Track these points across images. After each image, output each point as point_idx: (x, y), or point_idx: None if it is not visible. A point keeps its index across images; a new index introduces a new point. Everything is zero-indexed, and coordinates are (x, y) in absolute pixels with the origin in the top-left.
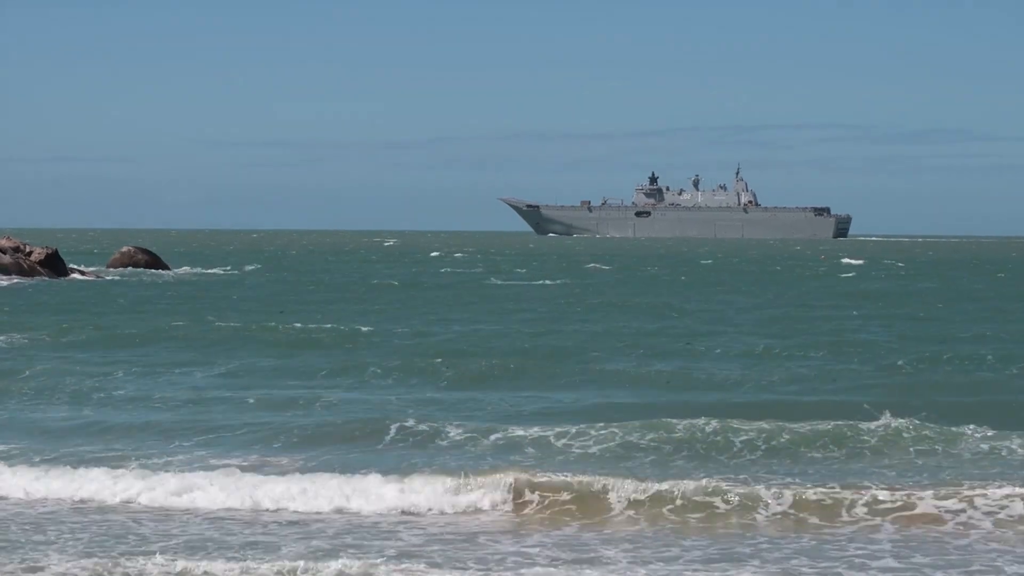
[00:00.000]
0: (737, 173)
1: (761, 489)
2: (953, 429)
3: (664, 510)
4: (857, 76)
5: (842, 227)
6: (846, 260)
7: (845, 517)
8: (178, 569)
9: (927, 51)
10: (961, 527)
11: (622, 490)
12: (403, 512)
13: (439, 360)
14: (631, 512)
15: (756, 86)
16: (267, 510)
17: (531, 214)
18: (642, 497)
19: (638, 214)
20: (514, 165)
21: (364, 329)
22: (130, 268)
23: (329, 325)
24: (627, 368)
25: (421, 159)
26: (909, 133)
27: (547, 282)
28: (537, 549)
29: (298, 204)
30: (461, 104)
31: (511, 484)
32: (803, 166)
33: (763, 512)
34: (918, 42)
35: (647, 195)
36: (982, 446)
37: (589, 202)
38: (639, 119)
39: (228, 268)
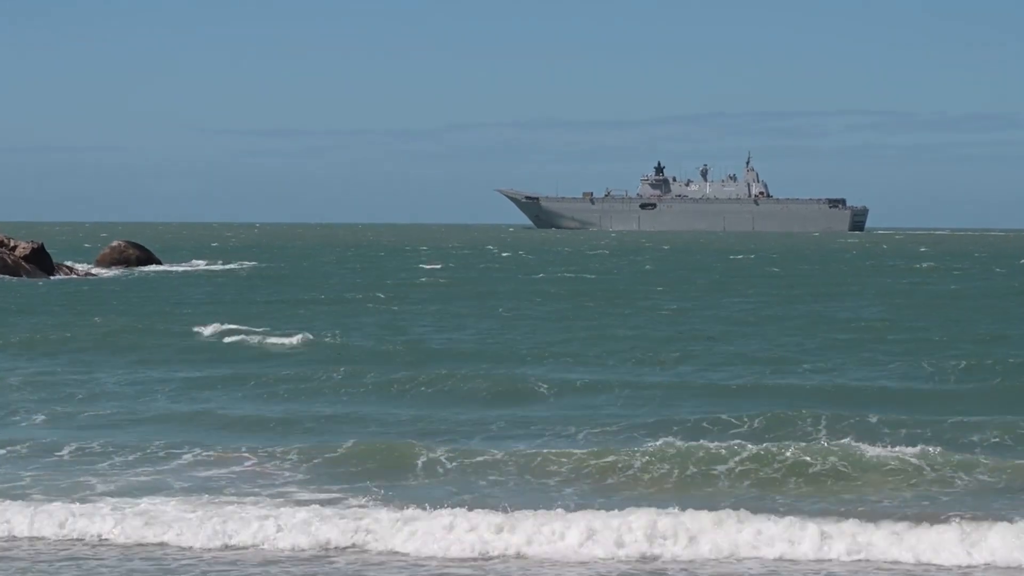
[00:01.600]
0: (748, 163)
1: None
2: None
3: None
4: (897, 60)
5: (858, 220)
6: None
7: None
8: None
9: (975, 32)
10: None
11: None
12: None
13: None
14: None
15: (774, 70)
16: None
17: (530, 206)
18: None
19: (643, 206)
20: (513, 155)
21: (361, 339)
22: (121, 264)
23: (351, 332)
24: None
25: (414, 149)
26: (951, 120)
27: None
28: None
29: (297, 196)
30: (456, 94)
31: None
32: (824, 155)
33: None
34: (964, 21)
35: (653, 186)
36: None
37: (592, 194)
38: (645, 106)
39: (224, 264)
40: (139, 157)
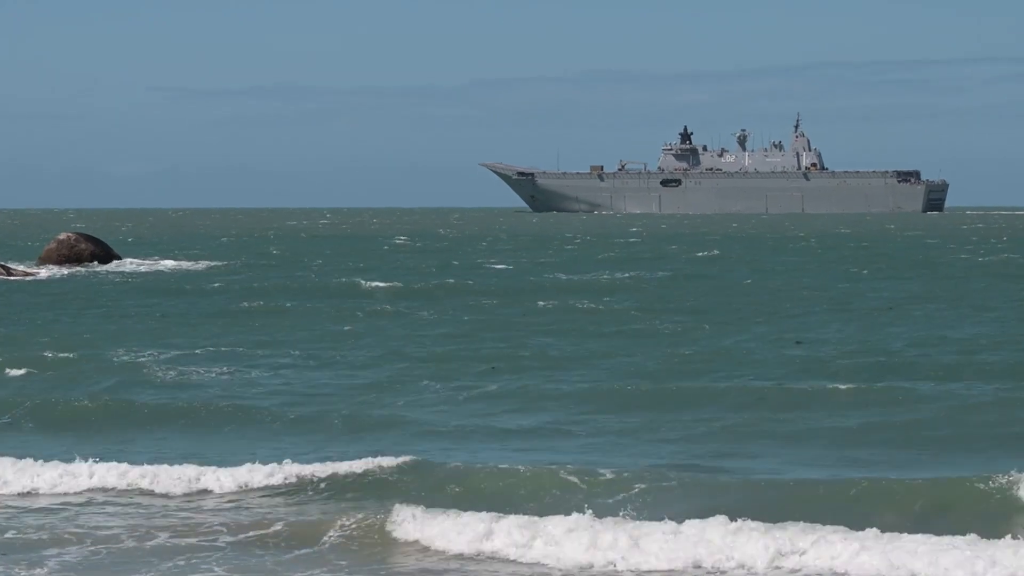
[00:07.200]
0: (796, 127)
1: None
2: None
3: None
4: None
5: (935, 198)
6: None
7: None
8: None
9: None
10: None
11: None
12: None
13: None
14: None
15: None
16: None
17: (523, 184)
18: None
19: (665, 183)
20: (503, 122)
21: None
22: (72, 262)
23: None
24: None
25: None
26: None
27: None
28: None
29: (289, 174)
30: (442, 50)
31: None
32: (894, 113)
33: None
34: None
35: (678, 157)
36: None
37: (601, 168)
38: (669, 58)
39: (200, 260)
40: (88, 125)
